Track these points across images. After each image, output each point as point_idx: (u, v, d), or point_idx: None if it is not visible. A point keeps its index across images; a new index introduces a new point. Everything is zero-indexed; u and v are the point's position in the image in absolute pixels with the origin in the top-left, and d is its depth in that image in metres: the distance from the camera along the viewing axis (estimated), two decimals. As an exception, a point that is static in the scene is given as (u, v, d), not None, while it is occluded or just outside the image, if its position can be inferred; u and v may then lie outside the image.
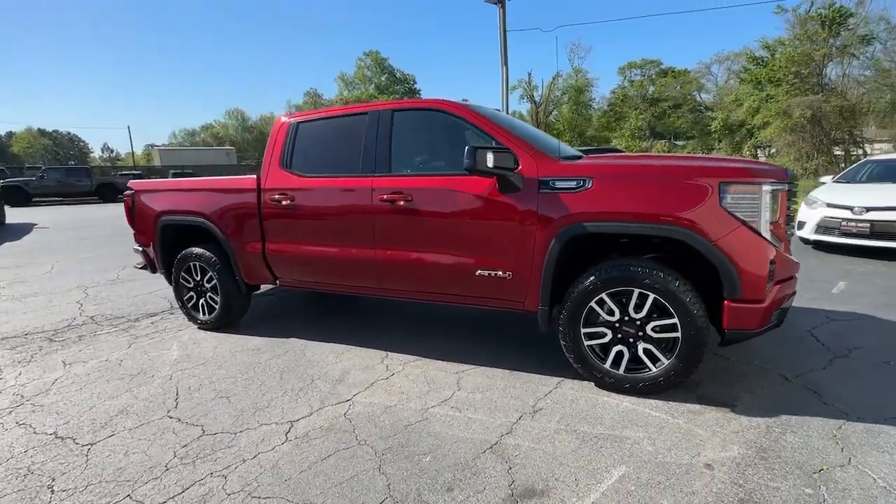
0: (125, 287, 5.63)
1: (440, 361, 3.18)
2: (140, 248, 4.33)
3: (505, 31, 16.50)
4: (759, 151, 25.67)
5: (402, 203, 2.96)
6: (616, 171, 2.55)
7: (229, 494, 1.94)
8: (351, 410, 2.58)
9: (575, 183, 2.52)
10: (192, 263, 3.96)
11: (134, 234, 4.36)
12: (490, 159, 2.49)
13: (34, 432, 2.48)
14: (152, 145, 62.30)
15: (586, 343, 2.64)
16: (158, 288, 5.52)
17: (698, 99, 35.84)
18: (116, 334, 3.99)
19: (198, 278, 3.98)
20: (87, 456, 2.25)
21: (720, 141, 29.63)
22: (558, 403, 2.56)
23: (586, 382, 2.76)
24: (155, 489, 1.99)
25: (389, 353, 3.35)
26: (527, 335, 3.63)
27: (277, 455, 2.20)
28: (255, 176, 3.59)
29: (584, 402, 2.56)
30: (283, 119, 3.64)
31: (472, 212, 2.79)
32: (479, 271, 2.82)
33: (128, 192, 4.30)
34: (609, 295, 2.53)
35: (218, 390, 2.88)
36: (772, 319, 2.39)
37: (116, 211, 18.77)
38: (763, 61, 24.84)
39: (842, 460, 1.99)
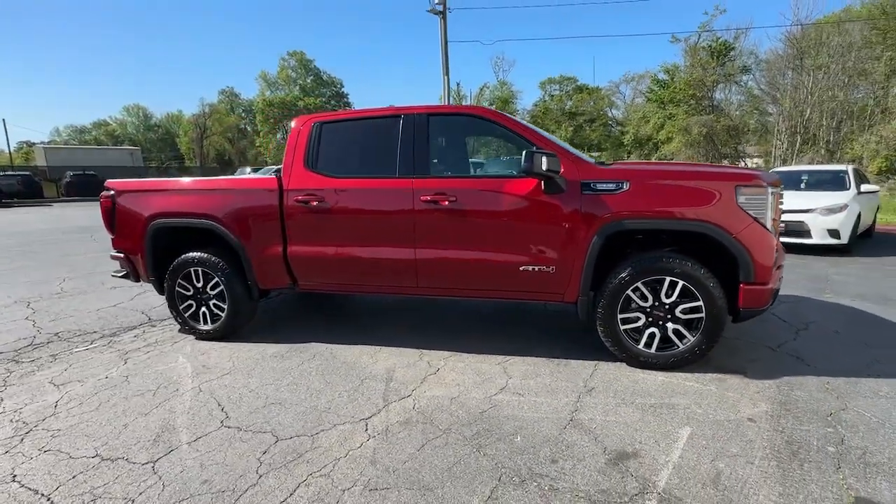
0: (77, 300, 5.01)
1: (477, 355, 3.32)
2: (121, 255, 3.92)
3: (446, 42, 16.96)
4: (664, 163, 28.99)
5: (445, 204, 3.08)
6: (649, 176, 2.91)
7: (343, 491, 1.94)
8: (418, 404, 2.65)
9: (614, 185, 2.85)
10: (192, 269, 3.69)
11: (112, 239, 3.95)
12: (544, 162, 2.74)
13: (70, 457, 2.23)
14: (29, 143, 53.81)
15: (622, 327, 2.97)
16: (121, 300, 5.00)
17: (610, 114, 39.49)
18: (99, 350, 3.60)
19: (199, 285, 3.72)
20: (156, 473, 2.08)
21: (630, 153, 32.93)
22: (605, 382, 2.85)
23: (618, 363, 3.09)
24: (260, 494, 1.93)
25: (424, 351, 3.43)
26: (548, 328, 3.91)
27: (369, 451, 2.22)
28: (276, 176, 3.48)
29: (626, 379, 2.88)
30: (302, 120, 3.57)
31: (517, 211, 3.00)
32: (522, 267, 3.03)
33: (106, 192, 3.89)
34: (643, 283, 2.89)
35: (264, 397, 2.77)
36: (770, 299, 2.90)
37: (9, 217, 16.16)
38: (665, 84, 28.18)
39: (841, 406, 2.51)
